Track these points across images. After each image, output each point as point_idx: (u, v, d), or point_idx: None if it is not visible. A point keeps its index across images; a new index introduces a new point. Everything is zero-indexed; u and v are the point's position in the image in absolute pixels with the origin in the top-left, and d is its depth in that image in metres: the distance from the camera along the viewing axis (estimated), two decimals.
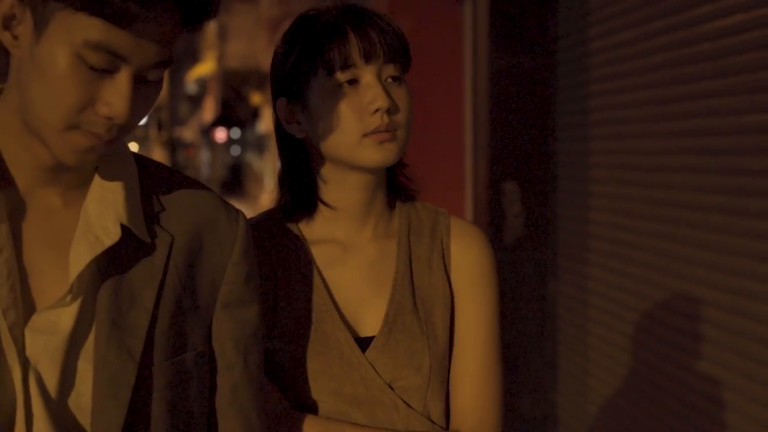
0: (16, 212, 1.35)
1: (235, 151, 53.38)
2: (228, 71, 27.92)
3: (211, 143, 54.45)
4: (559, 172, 5.22)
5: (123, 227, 1.38)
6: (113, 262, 1.37)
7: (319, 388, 1.69)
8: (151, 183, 1.46)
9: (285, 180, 1.78)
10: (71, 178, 1.39)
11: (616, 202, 4.55)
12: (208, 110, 38.95)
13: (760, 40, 3.19)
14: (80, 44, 1.25)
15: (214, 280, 1.46)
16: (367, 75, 1.65)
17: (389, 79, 1.67)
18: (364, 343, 1.71)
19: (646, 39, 4.17)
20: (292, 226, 1.76)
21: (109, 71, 1.27)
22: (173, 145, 27.33)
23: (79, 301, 1.35)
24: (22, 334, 1.30)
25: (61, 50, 1.25)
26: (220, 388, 1.46)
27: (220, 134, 49.04)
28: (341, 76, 1.64)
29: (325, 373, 1.69)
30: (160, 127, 23.22)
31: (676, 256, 3.88)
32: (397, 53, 1.67)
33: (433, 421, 1.71)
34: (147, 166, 1.49)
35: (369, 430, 1.67)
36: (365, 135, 1.64)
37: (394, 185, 1.80)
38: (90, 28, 1.24)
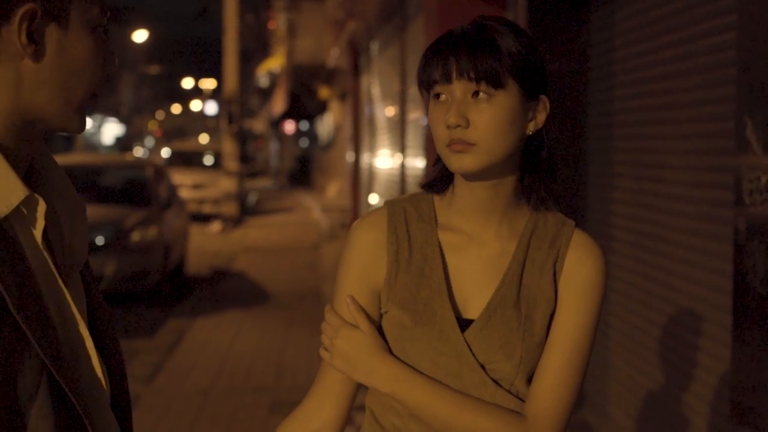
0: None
1: (304, 143, 54.03)
2: (297, 66, 28.50)
3: (280, 135, 55.19)
4: (588, 167, 5.76)
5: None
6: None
7: (418, 354, 1.84)
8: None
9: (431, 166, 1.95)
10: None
11: (632, 196, 5.08)
12: (278, 103, 39.64)
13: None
14: (97, 14, 1.45)
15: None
16: (450, 92, 1.79)
17: (472, 96, 1.78)
18: (465, 324, 1.83)
19: (660, 51, 4.70)
20: (429, 210, 1.93)
21: (103, 28, 1.49)
22: (243, 137, 27.88)
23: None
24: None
25: (84, 31, 1.43)
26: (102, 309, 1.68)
27: (289, 126, 49.72)
28: (432, 92, 1.82)
29: (425, 342, 1.83)
30: (230, 120, 23.77)
31: (672, 241, 4.42)
32: (480, 74, 1.76)
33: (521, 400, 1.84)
34: None
35: (435, 384, 1.82)
36: (447, 145, 1.79)
37: (527, 191, 1.90)
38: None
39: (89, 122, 1.67)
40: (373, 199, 15.21)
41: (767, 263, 3.00)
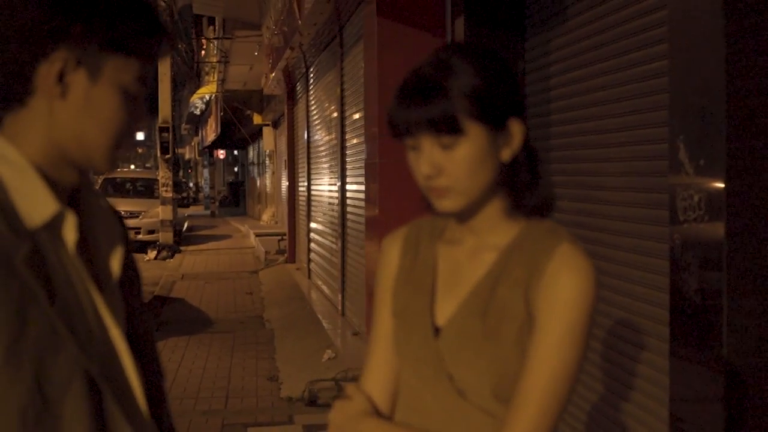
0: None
1: (237, 169, 53.88)
2: (231, 93, 28.57)
3: (212, 162, 55.02)
4: None
5: None
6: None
7: (405, 361, 1.94)
8: None
9: None
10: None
11: (571, 217, 5.30)
12: (211, 130, 39.57)
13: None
14: (131, 80, 1.63)
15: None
16: (418, 143, 1.82)
17: (439, 146, 1.79)
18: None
19: (594, 77, 4.94)
20: (441, 225, 2.00)
21: (138, 96, 1.67)
22: (176, 163, 27.84)
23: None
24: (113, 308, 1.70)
25: (113, 90, 1.61)
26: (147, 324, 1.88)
27: (221, 153, 49.63)
28: (404, 141, 1.85)
29: (409, 350, 1.92)
30: (165, 148, 23.75)
31: (612, 258, 4.65)
32: (439, 127, 1.77)
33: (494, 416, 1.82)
34: None
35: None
36: (426, 190, 1.85)
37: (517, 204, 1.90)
38: (136, 66, 1.63)
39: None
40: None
41: (701, 275, 3.23)
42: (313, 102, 15.20)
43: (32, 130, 1.60)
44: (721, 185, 3.12)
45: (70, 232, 1.60)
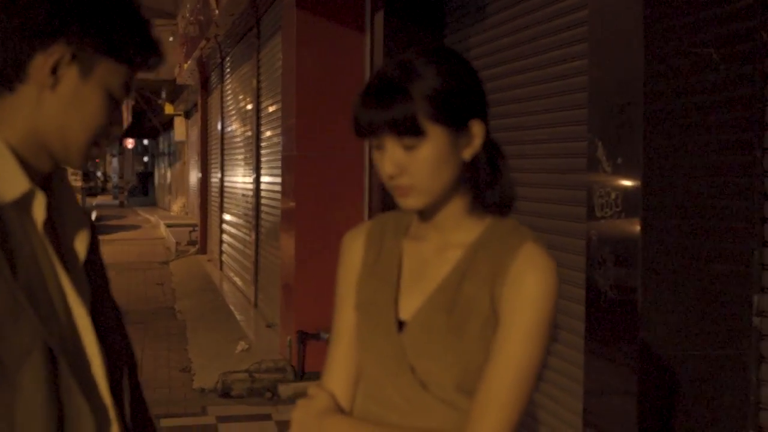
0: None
1: (146, 159, 53.28)
2: (142, 81, 28.18)
3: (122, 151, 54.31)
4: None
5: None
6: None
7: (367, 353, 1.96)
8: None
9: None
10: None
11: None
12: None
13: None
14: (117, 85, 1.72)
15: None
16: (381, 143, 1.85)
17: (401, 147, 1.83)
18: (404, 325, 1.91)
19: (513, 75, 5.01)
20: (407, 221, 2.03)
21: (120, 101, 1.75)
22: None
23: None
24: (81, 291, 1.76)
25: (100, 90, 1.69)
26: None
27: (131, 143, 49.00)
28: (369, 141, 1.88)
29: (371, 341, 1.95)
30: None
31: None
32: (399, 129, 1.80)
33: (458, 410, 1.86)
34: None
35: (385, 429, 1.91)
36: (390, 187, 1.88)
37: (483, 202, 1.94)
38: (124, 73, 1.72)
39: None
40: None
41: (616, 271, 3.30)
42: (228, 93, 15.09)
43: (18, 116, 1.68)
44: (638, 183, 3.19)
45: (39, 211, 1.68)
